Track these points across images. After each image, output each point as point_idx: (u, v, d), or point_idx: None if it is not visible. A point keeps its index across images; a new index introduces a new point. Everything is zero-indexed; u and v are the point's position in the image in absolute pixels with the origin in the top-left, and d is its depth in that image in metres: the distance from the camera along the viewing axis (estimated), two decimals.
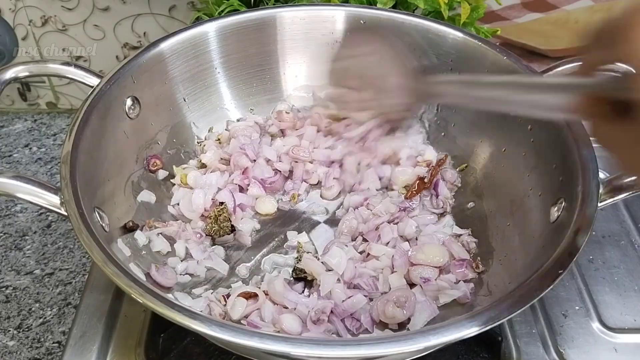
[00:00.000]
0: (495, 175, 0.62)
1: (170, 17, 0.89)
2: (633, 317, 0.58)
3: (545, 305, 0.58)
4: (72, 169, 0.48)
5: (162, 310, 0.39)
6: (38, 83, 0.97)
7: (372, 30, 0.66)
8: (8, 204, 0.83)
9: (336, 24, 0.68)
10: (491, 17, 0.92)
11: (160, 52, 0.62)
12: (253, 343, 0.37)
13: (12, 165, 0.90)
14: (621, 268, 0.62)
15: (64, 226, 0.80)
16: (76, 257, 0.77)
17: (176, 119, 0.65)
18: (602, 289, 0.60)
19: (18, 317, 0.70)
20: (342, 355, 0.37)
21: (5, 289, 0.73)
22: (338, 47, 0.66)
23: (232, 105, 0.69)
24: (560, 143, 0.53)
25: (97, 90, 0.55)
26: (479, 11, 0.73)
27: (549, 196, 0.53)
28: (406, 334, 0.39)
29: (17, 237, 0.79)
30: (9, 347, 0.67)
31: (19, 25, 0.90)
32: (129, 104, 0.59)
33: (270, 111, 0.71)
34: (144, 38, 0.91)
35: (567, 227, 0.46)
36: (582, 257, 0.63)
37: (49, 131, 0.97)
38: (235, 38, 0.66)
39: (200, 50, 0.65)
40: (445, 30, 0.65)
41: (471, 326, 0.39)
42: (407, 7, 0.73)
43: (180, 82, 0.65)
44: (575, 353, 0.54)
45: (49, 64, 0.60)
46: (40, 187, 0.47)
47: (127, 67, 0.59)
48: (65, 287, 0.73)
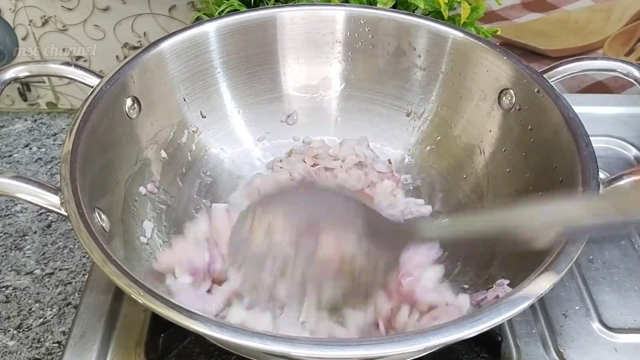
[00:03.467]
0: (495, 175, 0.62)
1: (170, 17, 0.89)
2: (633, 317, 0.58)
3: (545, 305, 0.58)
4: (72, 169, 0.48)
5: (162, 310, 0.39)
6: (38, 83, 0.97)
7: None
8: (8, 204, 0.83)
9: (336, 24, 0.68)
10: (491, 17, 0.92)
11: (160, 52, 0.62)
12: (253, 343, 0.37)
13: (12, 165, 0.90)
14: (621, 268, 0.62)
15: (64, 226, 0.80)
16: (76, 257, 0.77)
17: (176, 119, 0.65)
18: (602, 289, 0.60)
19: (18, 317, 0.70)
20: (342, 355, 0.37)
21: (5, 289, 0.73)
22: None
23: (232, 105, 0.69)
24: (560, 143, 0.53)
25: (97, 90, 0.55)
26: (479, 11, 0.73)
27: (549, 196, 0.53)
28: (406, 334, 0.39)
29: (17, 237, 0.79)
30: (9, 347, 0.67)
31: (19, 25, 0.90)
32: (129, 104, 0.59)
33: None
34: (144, 38, 0.91)
35: None
36: (582, 257, 0.63)
37: (49, 131, 0.97)
38: (235, 38, 0.66)
39: (200, 50, 0.65)
40: (445, 30, 0.65)
41: (471, 326, 0.39)
42: (407, 7, 0.73)
43: (180, 82, 0.64)
44: (575, 353, 0.54)
45: (49, 64, 0.60)
46: (40, 187, 0.47)
47: (127, 67, 0.58)
48: (65, 287, 0.73)
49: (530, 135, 0.58)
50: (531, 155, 0.58)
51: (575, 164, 0.50)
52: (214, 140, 0.68)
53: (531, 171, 0.57)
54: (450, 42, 0.65)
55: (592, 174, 0.49)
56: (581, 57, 0.62)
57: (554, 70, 0.61)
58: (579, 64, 0.61)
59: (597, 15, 0.92)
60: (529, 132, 0.58)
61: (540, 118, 0.57)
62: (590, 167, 0.50)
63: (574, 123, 0.53)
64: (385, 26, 0.67)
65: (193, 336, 0.54)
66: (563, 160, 0.53)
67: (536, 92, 0.57)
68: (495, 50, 0.62)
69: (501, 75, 0.61)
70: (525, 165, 0.58)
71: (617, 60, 0.60)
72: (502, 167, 0.62)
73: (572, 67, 0.61)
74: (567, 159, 0.52)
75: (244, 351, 0.48)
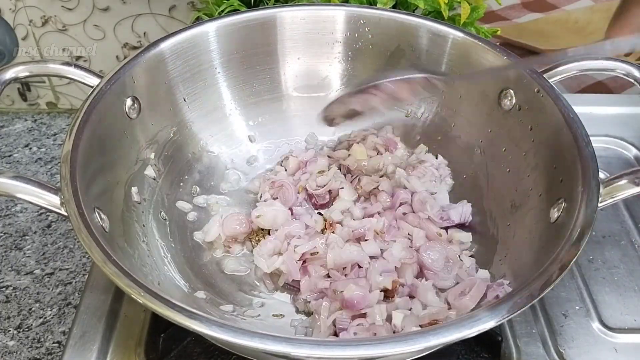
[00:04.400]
0: (495, 175, 0.62)
1: (170, 17, 0.89)
2: (633, 317, 0.58)
3: (545, 305, 0.58)
4: (72, 169, 0.48)
5: (162, 310, 0.39)
6: (38, 83, 0.97)
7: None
8: (8, 204, 0.83)
9: (336, 24, 0.68)
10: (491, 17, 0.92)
11: (160, 52, 0.62)
12: (253, 343, 0.37)
13: (12, 165, 0.90)
14: (621, 268, 0.62)
15: (64, 226, 0.80)
16: (76, 257, 0.77)
17: (176, 119, 0.65)
18: (602, 289, 0.60)
19: (18, 317, 0.70)
20: (342, 355, 0.37)
21: (6, 289, 0.73)
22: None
23: (232, 105, 0.69)
24: (560, 143, 0.53)
25: (97, 90, 0.55)
26: (479, 11, 0.73)
27: (549, 196, 0.53)
28: (406, 334, 0.39)
29: (17, 237, 0.79)
30: (9, 347, 0.67)
31: (19, 25, 0.90)
32: (129, 104, 0.59)
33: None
34: (144, 38, 0.91)
35: (567, 228, 0.46)
36: (582, 257, 0.63)
37: (49, 131, 0.97)
38: (235, 38, 0.66)
39: (200, 50, 0.65)
40: (445, 30, 0.65)
41: (471, 326, 0.39)
42: (407, 7, 0.73)
43: (180, 82, 0.64)
44: (575, 353, 0.54)
45: (49, 64, 0.60)
46: (40, 187, 0.47)
47: (127, 67, 0.58)
48: (65, 287, 0.73)
49: (530, 135, 0.58)
50: (531, 155, 0.58)
51: (575, 164, 0.50)
52: (213, 140, 0.68)
53: (531, 171, 0.57)
54: (450, 42, 0.65)
55: (592, 174, 0.49)
56: (581, 57, 0.62)
57: (554, 70, 0.61)
58: (579, 64, 0.61)
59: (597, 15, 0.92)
60: (529, 132, 0.58)
61: (540, 118, 0.57)
62: (590, 167, 0.50)
63: (574, 123, 0.53)
64: (385, 26, 0.67)
65: (193, 336, 0.54)
66: (563, 160, 0.53)
67: (536, 92, 0.57)
68: (495, 50, 0.62)
69: (501, 75, 0.61)
70: (525, 165, 0.58)
71: (617, 60, 0.60)
72: (502, 167, 0.62)
73: (572, 67, 0.61)
74: (567, 159, 0.52)
75: (244, 351, 0.48)
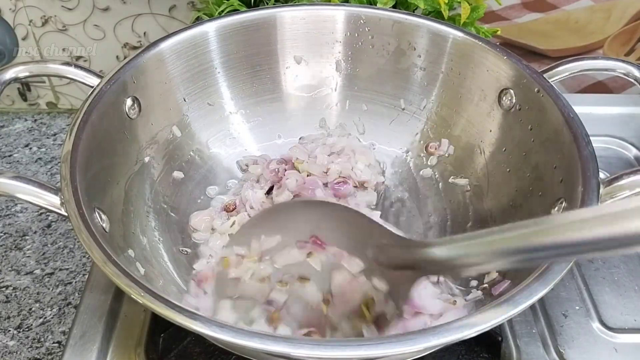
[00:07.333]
0: (495, 175, 0.62)
1: (170, 17, 0.89)
2: (633, 317, 0.58)
3: (545, 305, 0.58)
4: (72, 169, 0.48)
5: (162, 311, 0.39)
6: (38, 83, 0.97)
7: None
8: (8, 204, 0.83)
9: (336, 23, 0.68)
10: (491, 17, 0.92)
11: (160, 52, 0.62)
12: (253, 343, 0.37)
13: (12, 165, 0.90)
14: (621, 268, 0.62)
15: (64, 226, 0.80)
16: (76, 257, 0.77)
17: (176, 119, 0.65)
18: (602, 289, 0.60)
19: (18, 317, 0.70)
20: (342, 355, 0.37)
21: (5, 289, 0.73)
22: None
23: (232, 105, 0.69)
24: (560, 143, 0.53)
25: (97, 90, 0.55)
26: (479, 11, 0.73)
27: (549, 196, 0.53)
28: (406, 334, 0.39)
29: (17, 237, 0.79)
30: (9, 347, 0.67)
31: (19, 25, 0.90)
32: (129, 104, 0.59)
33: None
34: (144, 38, 0.91)
35: None
36: None
37: (49, 131, 0.97)
38: (235, 38, 0.66)
39: (200, 50, 0.65)
40: (446, 30, 0.65)
41: (471, 326, 0.39)
42: (407, 7, 0.73)
43: (180, 82, 0.64)
44: (575, 353, 0.54)
45: (49, 64, 0.60)
46: (40, 187, 0.47)
47: (127, 67, 0.58)
48: (65, 287, 0.73)
49: (530, 135, 0.58)
50: (531, 155, 0.58)
51: (575, 164, 0.50)
52: (213, 140, 0.68)
53: (531, 171, 0.57)
54: (450, 42, 0.65)
55: (592, 174, 0.49)
56: (581, 57, 0.62)
57: (554, 70, 0.61)
58: (579, 64, 0.61)
59: (597, 15, 0.92)
60: (529, 132, 0.58)
61: (540, 118, 0.57)
62: (590, 167, 0.50)
63: (574, 123, 0.53)
64: (385, 26, 0.67)
65: (193, 336, 0.54)
66: (563, 160, 0.53)
67: (536, 92, 0.57)
68: (495, 50, 0.62)
69: (501, 75, 0.61)
70: (525, 165, 0.58)
71: (617, 60, 0.60)
72: (502, 167, 0.62)
73: (572, 67, 0.61)
74: (567, 159, 0.52)
75: (244, 351, 0.48)
